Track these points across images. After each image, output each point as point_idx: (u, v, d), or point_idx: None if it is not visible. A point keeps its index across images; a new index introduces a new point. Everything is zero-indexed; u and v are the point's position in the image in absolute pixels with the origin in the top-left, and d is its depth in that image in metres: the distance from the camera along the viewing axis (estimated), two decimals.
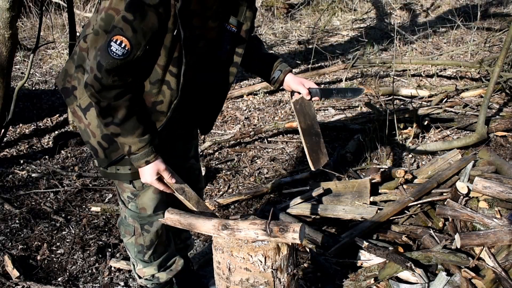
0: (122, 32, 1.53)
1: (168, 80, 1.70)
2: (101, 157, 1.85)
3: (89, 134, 1.84)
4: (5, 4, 3.46)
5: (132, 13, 1.52)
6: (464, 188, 2.69)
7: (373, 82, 5.53)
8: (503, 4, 8.71)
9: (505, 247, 2.32)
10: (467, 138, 3.84)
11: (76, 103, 1.83)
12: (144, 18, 1.53)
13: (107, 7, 1.60)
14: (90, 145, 1.86)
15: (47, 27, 7.39)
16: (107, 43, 1.55)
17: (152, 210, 1.98)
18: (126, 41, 1.54)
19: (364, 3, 9.47)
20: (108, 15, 1.59)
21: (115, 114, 1.65)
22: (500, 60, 3.75)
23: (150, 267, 2.13)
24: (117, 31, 1.54)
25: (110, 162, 1.85)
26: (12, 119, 4.00)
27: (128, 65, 1.58)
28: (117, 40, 1.54)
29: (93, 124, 1.82)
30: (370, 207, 2.91)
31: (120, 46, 1.54)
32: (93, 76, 1.59)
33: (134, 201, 1.97)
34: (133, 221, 2.02)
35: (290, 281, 1.71)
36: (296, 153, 4.09)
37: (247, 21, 1.83)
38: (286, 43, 7.71)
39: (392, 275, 2.32)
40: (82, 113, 1.82)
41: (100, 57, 1.56)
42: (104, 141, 1.82)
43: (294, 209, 3.02)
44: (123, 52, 1.55)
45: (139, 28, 1.54)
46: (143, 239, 2.04)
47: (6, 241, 2.92)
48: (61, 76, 1.88)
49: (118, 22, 1.54)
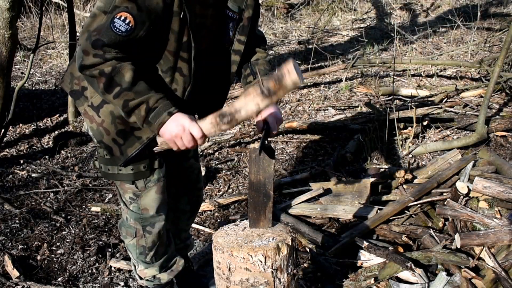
0: (127, 10, 1.52)
1: (180, 67, 1.69)
2: (117, 155, 1.82)
3: (102, 133, 1.81)
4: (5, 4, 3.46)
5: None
6: (464, 188, 2.69)
7: (373, 82, 5.53)
8: (503, 4, 8.71)
9: (505, 247, 2.32)
10: (467, 138, 3.84)
11: (88, 103, 1.81)
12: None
13: None
14: (104, 144, 1.82)
15: (47, 27, 7.39)
16: (111, 20, 1.53)
17: (154, 211, 1.97)
18: (130, 18, 1.52)
19: (364, 3, 9.47)
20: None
21: (122, 78, 1.55)
22: (500, 60, 3.75)
23: (151, 268, 2.12)
24: (121, 9, 1.52)
25: (127, 159, 1.81)
26: (12, 119, 4.00)
27: (129, 44, 1.56)
28: (121, 16, 1.52)
29: (107, 121, 1.78)
30: (370, 207, 2.91)
31: (124, 22, 1.52)
32: (91, 56, 1.53)
33: (136, 202, 1.96)
34: (134, 222, 2.01)
35: (290, 281, 1.71)
36: (296, 153, 4.09)
37: (248, 9, 1.81)
38: (286, 43, 7.72)
39: (392, 275, 2.32)
40: (94, 111, 1.79)
41: (100, 35, 1.53)
42: (119, 137, 1.79)
43: (294, 209, 3.03)
44: (127, 28, 1.53)
45: (144, 6, 1.53)
46: (145, 240, 2.03)
47: (6, 241, 2.92)
48: (67, 79, 1.86)
49: (121, 1, 1.53)
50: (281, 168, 3.83)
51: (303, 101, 5.28)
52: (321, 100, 5.23)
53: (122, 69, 1.55)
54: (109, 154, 1.84)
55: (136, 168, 1.85)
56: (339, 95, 5.36)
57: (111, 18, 1.53)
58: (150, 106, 1.58)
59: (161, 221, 2.01)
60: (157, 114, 1.58)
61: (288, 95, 5.52)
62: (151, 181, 1.91)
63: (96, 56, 1.54)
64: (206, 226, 3.06)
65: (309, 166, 3.80)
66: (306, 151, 4.09)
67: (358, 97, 5.25)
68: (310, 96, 5.44)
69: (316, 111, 4.93)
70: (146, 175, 1.89)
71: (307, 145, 4.20)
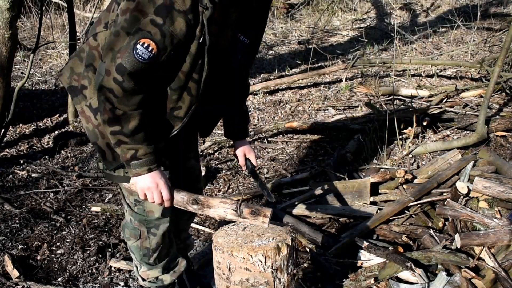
0: (150, 36, 1.51)
1: (190, 87, 1.70)
2: (109, 159, 1.82)
3: (97, 135, 1.80)
4: (5, 4, 3.46)
5: (161, 17, 1.50)
6: (464, 188, 2.69)
7: (373, 82, 5.53)
8: (503, 4, 8.72)
9: (505, 247, 2.32)
10: (467, 138, 3.84)
11: (86, 103, 1.79)
12: (173, 23, 1.51)
13: (132, 9, 1.54)
14: (98, 146, 1.82)
15: (47, 27, 7.39)
16: (133, 46, 1.52)
17: (160, 213, 1.96)
18: (153, 45, 1.52)
19: (364, 3, 9.47)
20: (133, 17, 1.54)
21: (126, 125, 1.62)
22: (500, 60, 3.75)
23: (154, 270, 2.11)
24: (144, 34, 1.52)
25: (118, 164, 1.81)
26: (12, 119, 4.00)
27: (151, 70, 1.57)
28: (144, 43, 1.52)
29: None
30: (370, 207, 2.91)
31: (147, 49, 1.52)
32: (112, 79, 1.55)
33: (141, 204, 1.94)
34: (139, 224, 1.99)
35: (290, 281, 1.71)
36: (296, 153, 4.09)
37: (258, 34, 1.88)
38: (286, 43, 7.72)
39: (392, 275, 2.32)
40: (92, 113, 1.78)
41: (122, 60, 1.53)
42: None
43: (294, 209, 3.02)
44: (149, 56, 1.53)
45: (168, 32, 1.52)
46: (149, 242, 2.01)
47: (6, 241, 2.92)
48: (67, 74, 1.84)
49: (145, 25, 1.52)
50: (281, 168, 3.83)
51: (303, 101, 5.28)
52: (321, 100, 5.23)
53: (131, 117, 1.62)
54: (102, 157, 1.84)
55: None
56: (339, 95, 5.36)
57: (134, 43, 1.53)
58: (137, 155, 1.68)
59: (166, 223, 1.99)
60: (139, 165, 1.69)
61: (288, 95, 5.53)
62: None
63: (115, 81, 1.56)
64: (206, 226, 3.06)
65: (309, 166, 3.80)
66: (306, 151, 4.09)
67: (358, 97, 5.25)
68: (310, 96, 5.45)
69: (316, 111, 4.93)
70: None
71: (307, 145, 4.20)
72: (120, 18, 1.59)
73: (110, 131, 1.65)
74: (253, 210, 1.63)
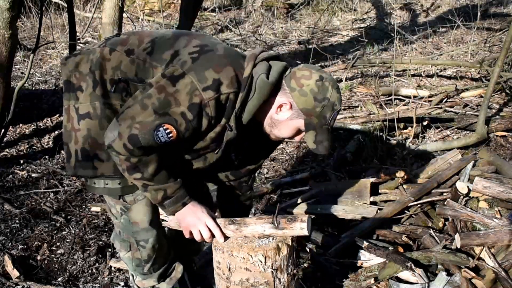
0: (175, 124, 1.57)
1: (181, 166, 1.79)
2: (71, 164, 1.80)
3: (71, 137, 1.77)
4: (5, 4, 3.45)
5: (192, 114, 1.57)
6: (464, 188, 2.69)
7: (373, 82, 5.53)
8: (503, 4, 8.72)
9: (505, 247, 2.32)
10: (467, 138, 3.84)
11: (75, 104, 1.75)
12: (200, 122, 1.60)
13: (171, 93, 1.57)
14: (68, 148, 1.80)
15: (47, 27, 7.38)
16: (156, 126, 1.57)
17: (146, 224, 1.91)
18: (174, 133, 1.58)
19: (364, 3, 9.47)
20: (167, 101, 1.57)
21: (146, 170, 1.65)
22: (500, 60, 3.75)
23: (149, 279, 2.06)
24: (171, 121, 1.57)
25: (74, 173, 1.81)
26: (12, 119, 4.00)
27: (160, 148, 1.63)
28: (167, 128, 1.57)
29: (82, 133, 1.74)
30: (370, 207, 2.91)
31: (167, 134, 1.58)
32: (122, 144, 1.59)
33: (126, 214, 1.90)
34: (127, 236, 1.96)
35: (290, 281, 1.70)
36: (296, 153, 4.09)
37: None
38: (286, 43, 7.72)
39: (392, 275, 2.32)
40: (76, 115, 1.75)
41: (140, 133, 1.57)
42: (81, 154, 1.77)
43: (294, 209, 3.02)
44: (166, 140, 1.59)
45: (191, 127, 1.59)
46: (140, 253, 1.97)
47: (6, 241, 2.92)
48: (70, 66, 1.78)
49: (175, 113, 1.57)
50: (281, 168, 3.83)
51: None
52: None
53: (148, 162, 1.65)
54: (66, 160, 1.82)
55: (123, 182, 1.80)
56: None
57: (157, 124, 1.57)
58: (168, 195, 1.71)
59: (154, 235, 1.94)
60: (172, 203, 1.73)
61: None
62: (140, 194, 1.85)
63: (125, 148, 1.59)
64: None
65: (309, 166, 3.80)
66: (306, 151, 4.09)
67: (358, 97, 5.25)
68: None
69: None
70: (135, 189, 1.83)
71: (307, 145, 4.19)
72: (153, 93, 1.60)
73: (133, 178, 1.68)
74: (289, 218, 1.63)
